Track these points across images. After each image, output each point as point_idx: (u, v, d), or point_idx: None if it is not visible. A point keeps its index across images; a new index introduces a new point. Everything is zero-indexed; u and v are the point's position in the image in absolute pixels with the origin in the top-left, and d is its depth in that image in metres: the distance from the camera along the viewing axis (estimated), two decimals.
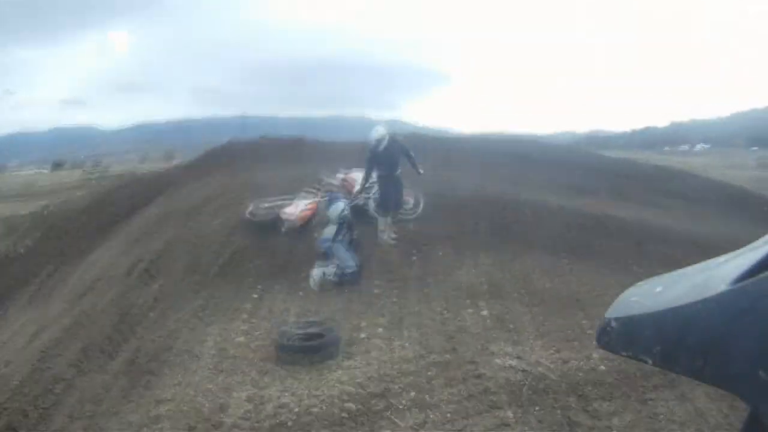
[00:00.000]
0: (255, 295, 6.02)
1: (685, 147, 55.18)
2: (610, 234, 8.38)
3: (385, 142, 7.42)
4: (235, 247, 7.53)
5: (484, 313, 5.45)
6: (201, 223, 8.36)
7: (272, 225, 7.89)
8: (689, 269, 0.58)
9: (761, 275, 0.44)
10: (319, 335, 4.52)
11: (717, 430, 3.49)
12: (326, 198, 7.64)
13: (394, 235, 7.44)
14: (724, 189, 12.77)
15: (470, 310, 5.55)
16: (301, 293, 6.14)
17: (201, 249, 7.55)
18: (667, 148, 51.02)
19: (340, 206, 6.92)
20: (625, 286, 0.67)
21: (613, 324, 0.56)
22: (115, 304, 6.20)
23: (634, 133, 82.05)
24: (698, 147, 54.95)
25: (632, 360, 0.56)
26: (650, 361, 0.52)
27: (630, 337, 0.54)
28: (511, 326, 5.19)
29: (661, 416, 3.66)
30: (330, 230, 6.74)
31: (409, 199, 8.07)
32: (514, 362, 4.33)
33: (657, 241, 8.01)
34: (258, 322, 5.26)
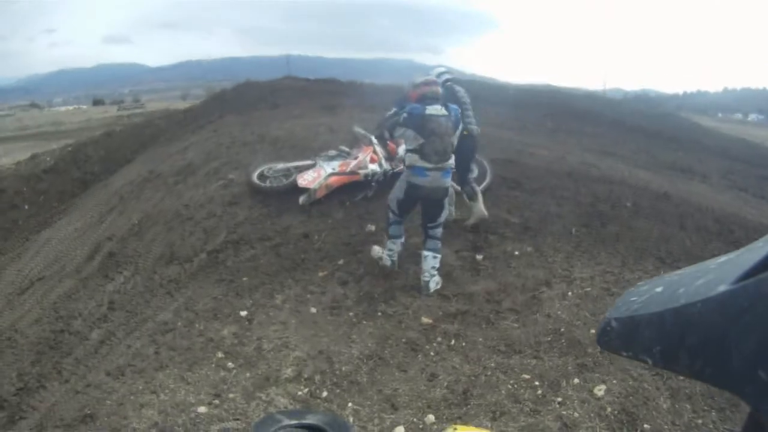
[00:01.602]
0: (243, 312, 4.05)
1: (739, 115, 52.04)
2: (740, 244, 5.92)
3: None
4: (231, 225, 5.58)
5: (600, 392, 3.05)
6: (194, 188, 6.42)
7: (287, 194, 5.91)
8: (689, 269, 0.51)
9: (761, 275, 0.40)
10: None
11: None
12: (438, 104, 4.20)
13: None
14: None
15: (590, 400, 3.23)
16: (313, 310, 4.12)
17: (186, 226, 5.63)
18: (720, 115, 47.88)
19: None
20: None
21: (614, 324, 0.51)
22: (54, 312, 4.40)
23: (686, 95, 78.08)
24: (752, 117, 51.48)
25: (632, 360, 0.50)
26: (650, 361, 0.47)
27: (630, 337, 0.49)
28: None
29: None
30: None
31: (473, 168, 5.58)
32: None
33: None
34: (234, 376, 3.29)
